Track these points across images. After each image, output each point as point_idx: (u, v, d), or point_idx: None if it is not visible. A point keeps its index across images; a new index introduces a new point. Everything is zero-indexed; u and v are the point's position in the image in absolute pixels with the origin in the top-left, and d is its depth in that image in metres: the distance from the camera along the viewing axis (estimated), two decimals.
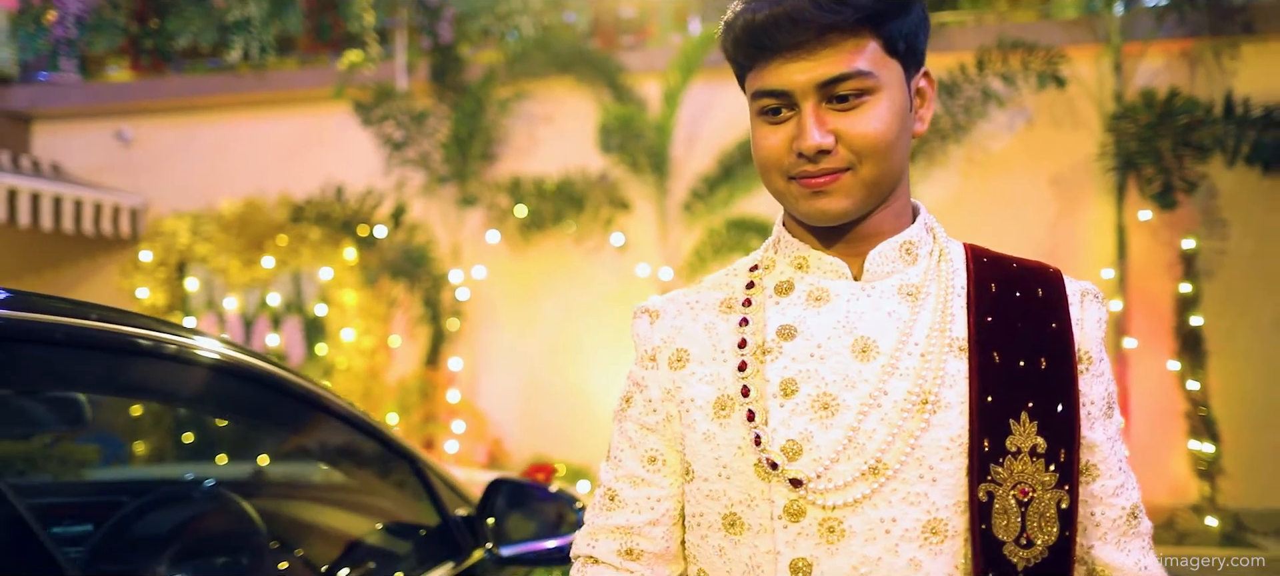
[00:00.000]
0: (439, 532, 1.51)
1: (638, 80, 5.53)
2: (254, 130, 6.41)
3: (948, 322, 0.92)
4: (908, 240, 0.96)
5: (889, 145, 0.89)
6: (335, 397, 1.39)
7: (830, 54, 0.87)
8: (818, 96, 0.88)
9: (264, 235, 6.19)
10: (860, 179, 0.90)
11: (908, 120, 0.92)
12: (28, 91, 6.67)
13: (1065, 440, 0.89)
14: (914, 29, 0.91)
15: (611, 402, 4.09)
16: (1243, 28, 4.76)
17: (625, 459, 1.01)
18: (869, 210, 0.93)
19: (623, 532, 1.00)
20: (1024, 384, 0.90)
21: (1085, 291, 0.96)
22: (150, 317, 1.11)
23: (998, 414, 0.88)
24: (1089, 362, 0.93)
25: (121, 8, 6.33)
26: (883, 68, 0.89)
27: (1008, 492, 0.88)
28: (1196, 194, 4.62)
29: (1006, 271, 0.97)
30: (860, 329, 0.92)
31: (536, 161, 5.71)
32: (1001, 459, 0.88)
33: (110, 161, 6.62)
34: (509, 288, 5.79)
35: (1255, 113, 4.52)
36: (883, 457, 0.88)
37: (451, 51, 5.75)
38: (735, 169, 5.28)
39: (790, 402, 0.91)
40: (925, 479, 0.88)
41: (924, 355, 0.90)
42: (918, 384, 0.89)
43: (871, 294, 0.94)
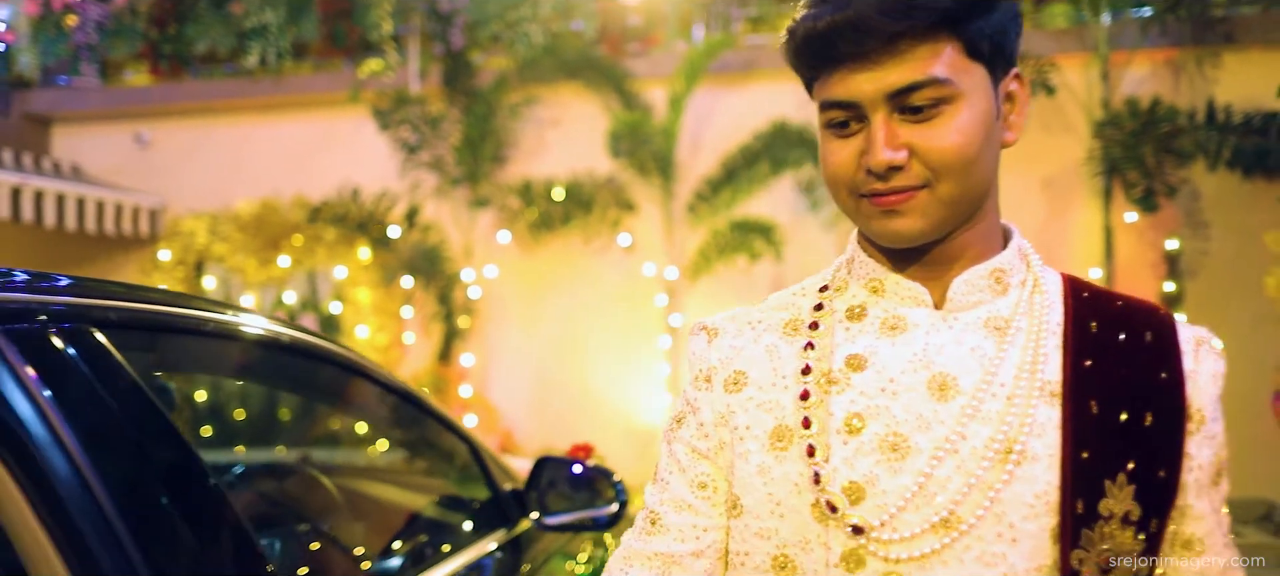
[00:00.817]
0: (491, 504, 1.71)
1: (643, 86, 5.71)
2: (269, 133, 6.59)
3: (1040, 364, 0.82)
4: (998, 268, 0.86)
5: (970, 160, 0.80)
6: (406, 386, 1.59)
7: (902, 60, 0.78)
8: (889, 107, 0.79)
9: (280, 235, 6.38)
10: (937, 197, 0.81)
11: (994, 130, 0.82)
12: (48, 95, 6.85)
13: (1160, 509, 0.80)
14: (1001, 27, 0.81)
15: (617, 396, 4.42)
16: (1224, 38, 4.97)
17: (673, 482, 0.92)
18: (950, 231, 0.84)
19: (662, 561, 0.90)
20: (1125, 440, 0.79)
21: (1201, 340, 0.85)
22: (258, 314, 1.31)
23: (1093, 472, 0.78)
24: (1201, 422, 0.83)
25: (141, 14, 6.50)
26: (963, 73, 0.80)
27: (1092, 560, 0.79)
28: (1180, 197, 4.83)
29: (1109, 310, 0.85)
30: (939, 364, 0.83)
31: (545, 164, 5.90)
32: (1094, 523, 0.78)
33: (128, 163, 6.80)
34: (519, 286, 5.98)
35: (1236, 119, 4.74)
36: (957, 510, 0.78)
37: (463, 57, 5.94)
38: (738, 172, 5.48)
39: (856, 440, 0.82)
40: (1004, 538, 0.78)
41: (1011, 398, 0.80)
42: (1001, 430, 0.79)
43: (954, 326, 0.85)
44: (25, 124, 6.82)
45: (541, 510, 1.68)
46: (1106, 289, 0.89)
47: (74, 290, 0.97)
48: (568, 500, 1.69)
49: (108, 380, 0.91)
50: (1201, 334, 0.86)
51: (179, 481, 0.95)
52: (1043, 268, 0.89)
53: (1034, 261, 0.89)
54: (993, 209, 0.87)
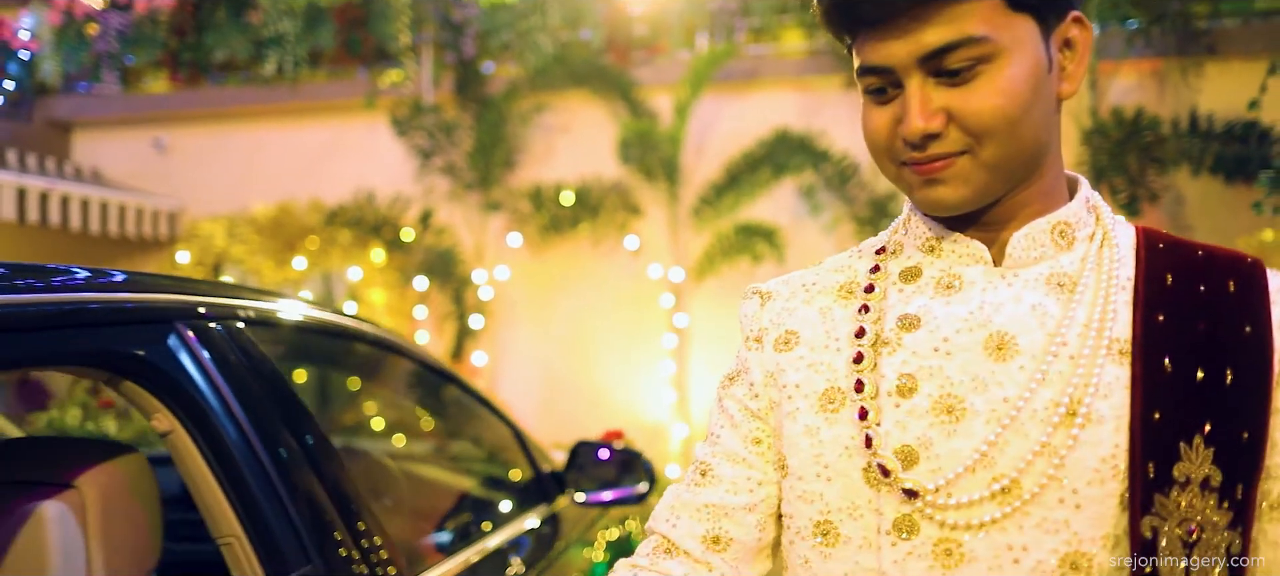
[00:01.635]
0: (534, 483, 1.92)
1: (649, 93, 5.91)
2: (285, 138, 6.78)
3: (1108, 321, 0.76)
4: (1062, 221, 0.81)
5: (1014, 120, 0.74)
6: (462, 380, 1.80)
7: (935, 20, 0.73)
8: (924, 70, 0.75)
9: (296, 237, 6.57)
10: (981, 162, 0.76)
11: (1045, 83, 0.76)
12: (69, 101, 7.04)
13: (1245, 473, 0.73)
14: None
15: (624, 393, 4.71)
16: (1206, 49, 5.18)
17: (725, 436, 0.90)
18: (1003, 193, 0.79)
19: (712, 513, 0.87)
20: (1201, 400, 0.74)
21: None
22: (350, 315, 1.51)
23: (1167, 434, 0.73)
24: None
25: (161, 23, 6.69)
26: (1003, 27, 0.73)
27: (1173, 529, 0.73)
28: (1165, 201, 5.05)
29: (1188, 261, 0.79)
30: (997, 322, 0.78)
31: (555, 169, 6.10)
32: (1167, 488, 0.73)
33: (147, 167, 6.98)
34: (530, 287, 6.18)
35: (1217, 127, 4.96)
36: (1020, 477, 0.74)
37: (474, 66, 6.15)
38: (741, 177, 5.68)
39: (908, 403, 0.79)
40: (1067, 504, 0.74)
41: (1074, 358, 0.75)
42: (1065, 392, 0.74)
43: (1013, 283, 0.80)
44: (46, 129, 7.01)
45: (578, 488, 1.89)
46: (1188, 240, 0.82)
47: (218, 291, 1.18)
48: (603, 479, 1.89)
49: (252, 362, 1.12)
50: None
51: (307, 442, 1.16)
52: (1115, 220, 0.83)
53: (1105, 214, 0.83)
54: (1054, 164, 0.81)
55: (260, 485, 1.03)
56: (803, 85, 5.79)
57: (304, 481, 1.10)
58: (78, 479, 1.04)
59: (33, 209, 5.70)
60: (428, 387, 1.80)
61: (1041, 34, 0.76)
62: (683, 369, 5.92)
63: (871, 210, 5.47)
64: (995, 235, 0.82)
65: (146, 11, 6.76)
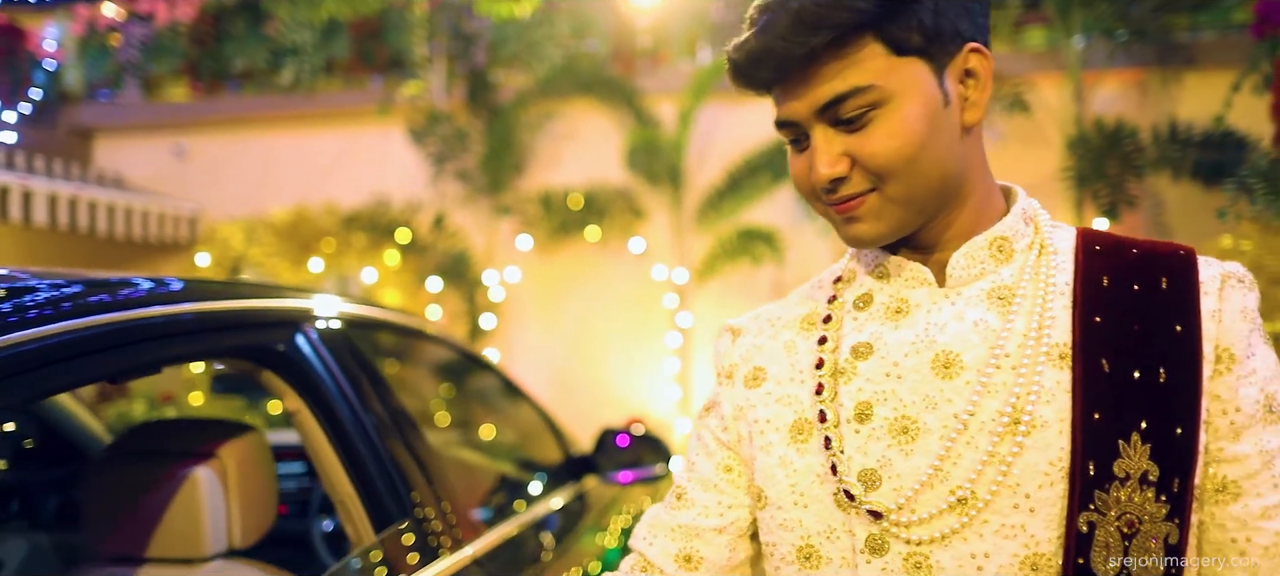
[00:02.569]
0: (564, 465, 2.17)
1: (653, 101, 6.14)
2: (301, 144, 7.01)
3: (1046, 327, 0.79)
4: (999, 236, 0.84)
5: (910, 157, 0.78)
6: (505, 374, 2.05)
7: (824, 76, 0.77)
8: (824, 121, 0.79)
9: (312, 240, 6.80)
10: (888, 198, 0.80)
11: (942, 117, 0.79)
12: (91, 109, 7.26)
13: (1181, 468, 0.75)
14: (935, 11, 0.78)
15: (629, 390, 5.04)
16: (1185, 60, 5.44)
17: (700, 463, 0.95)
18: (927, 220, 0.83)
19: (685, 533, 0.93)
20: (1138, 398, 0.76)
21: (1227, 275, 0.80)
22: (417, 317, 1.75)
23: (1106, 433, 0.75)
24: (1232, 362, 0.78)
25: (182, 33, 6.93)
26: (891, 74, 0.77)
27: (1111, 524, 0.75)
28: (1147, 205, 5.31)
29: (1124, 261, 0.81)
30: (941, 342, 0.82)
31: (563, 174, 6.34)
32: (1107, 485, 0.75)
33: (167, 173, 7.21)
34: (539, 288, 6.42)
35: (1196, 135, 5.22)
36: (973, 486, 0.77)
37: (485, 75, 6.39)
38: (742, 182, 5.92)
39: (866, 428, 0.82)
40: (1021, 509, 0.76)
41: (1016, 368, 0.78)
42: (1008, 401, 0.77)
43: (956, 302, 0.83)
44: (69, 137, 7.23)
45: (603, 469, 2.14)
46: (1127, 238, 0.84)
47: (326, 298, 1.42)
48: (625, 462, 2.14)
49: (354, 354, 1.37)
50: (1228, 269, 0.80)
51: (395, 420, 1.41)
52: (1054, 227, 0.86)
53: (1043, 222, 0.86)
54: (977, 186, 0.85)
55: (366, 453, 1.27)
56: None
57: (395, 451, 1.35)
58: (220, 450, 1.29)
59: (60, 213, 5.93)
60: (476, 379, 2.06)
61: (934, 72, 0.79)
62: (686, 366, 6.16)
63: None
64: (937, 257, 0.85)
65: (167, 23, 6.99)
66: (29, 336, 0.76)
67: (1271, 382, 0.78)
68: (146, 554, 1.27)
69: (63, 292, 0.87)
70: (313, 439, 1.26)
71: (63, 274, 0.99)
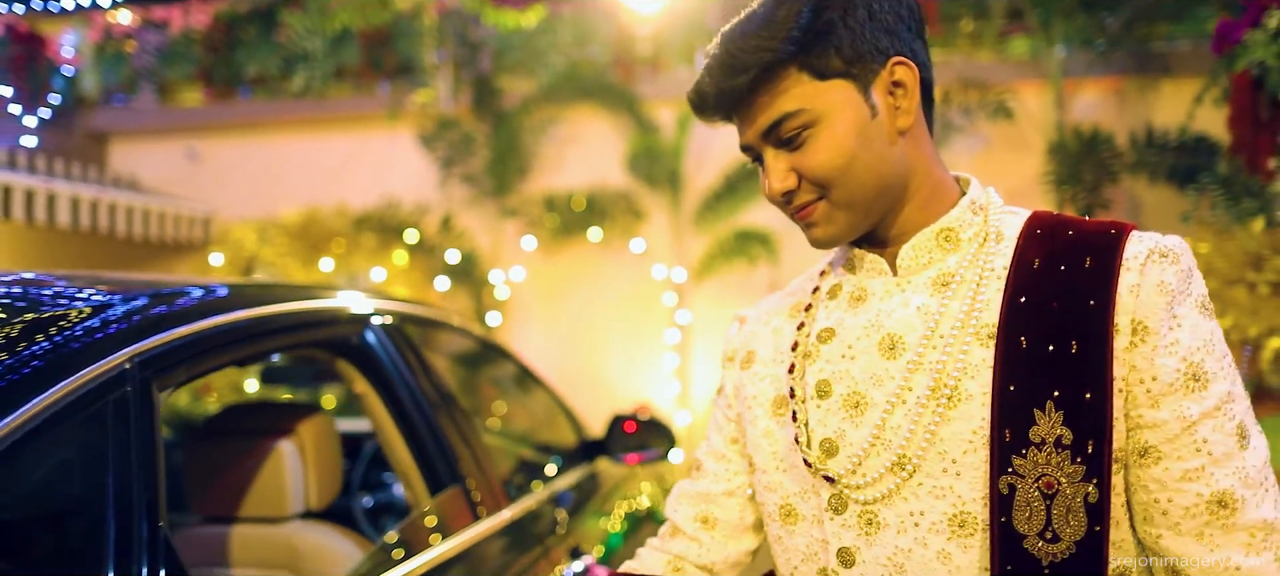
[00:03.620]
0: (579, 448, 2.41)
1: (653, 107, 6.36)
2: (311, 148, 7.22)
3: (977, 310, 0.87)
4: (945, 227, 0.92)
5: (843, 167, 0.87)
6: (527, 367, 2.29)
7: (759, 106, 0.87)
8: (770, 143, 0.89)
9: (322, 240, 7.01)
10: (835, 204, 0.89)
11: (871, 128, 0.87)
12: (106, 113, 7.48)
13: (1094, 431, 0.80)
14: (853, 38, 0.86)
15: (630, 385, 5.37)
16: (1161, 69, 5.69)
17: (713, 438, 1.08)
18: (878, 219, 0.92)
19: (702, 499, 1.06)
20: (1050, 370, 0.82)
21: (1152, 250, 0.84)
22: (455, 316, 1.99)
23: (1020, 403, 0.82)
24: (1146, 335, 0.81)
25: (196, 40, 7.14)
26: (816, 98, 0.86)
27: (1031, 485, 0.81)
28: (1125, 208, 5.56)
29: (1057, 243, 0.87)
30: (887, 326, 0.90)
31: (566, 177, 6.56)
32: (1024, 450, 0.81)
33: (180, 175, 7.42)
34: (543, 287, 6.65)
35: (1171, 140, 5.47)
36: (906, 451, 0.86)
37: (490, 81, 6.62)
38: (738, 185, 6.15)
39: (825, 403, 0.91)
40: (949, 472, 0.85)
41: (948, 347, 0.86)
42: (938, 376, 0.85)
43: (906, 289, 0.92)
44: (85, 140, 7.45)
45: (614, 451, 2.38)
46: (1072, 219, 0.89)
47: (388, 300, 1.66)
48: (634, 444, 2.38)
49: (411, 347, 1.61)
50: (1156, 243, 0.84)
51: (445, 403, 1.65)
52: (1006, 214, 0.93)
53: (993, 212, 0.92)
54: (924, 181, 0.92)
55: (423, 429, 1.52)
56: None
57: (444, 427, 1.59)
58: (298, 427, 1.53)
59: (83, 215, 6.15)
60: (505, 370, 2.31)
61: (859, 90, 0.87)
62: (685, 362, 6.40)
63: None
64: (892, 250, 0.94)
65: (182, 30, 7.21)
66: (199, 328, 1.01)
67: (1197, 353, 0.81)
68: (238, 514, 1.51)
69: (212, 295, 1.11)
70: (379, 420, 1.49)
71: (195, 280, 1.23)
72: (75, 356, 0.84)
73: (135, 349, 0.91)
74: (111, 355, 0.87)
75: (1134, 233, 0.85)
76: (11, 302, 0.95)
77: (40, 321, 0.88)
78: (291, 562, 1.50)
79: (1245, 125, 3.35)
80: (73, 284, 1.05)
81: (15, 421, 0.75)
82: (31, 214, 5.66)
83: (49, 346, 0.83)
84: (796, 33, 0.84)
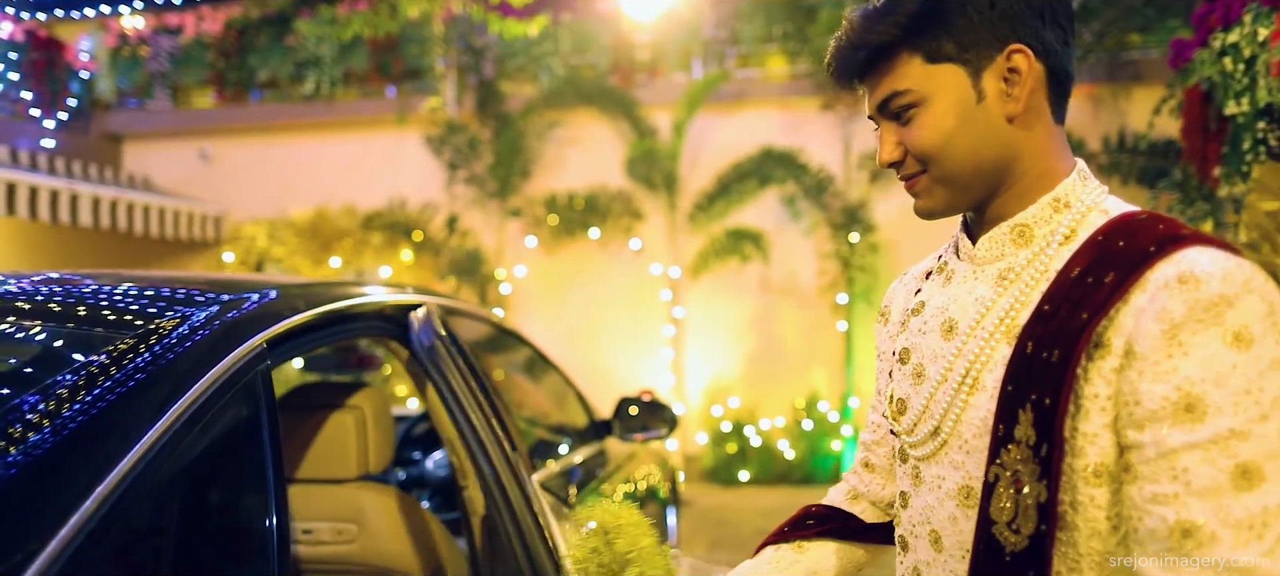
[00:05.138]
0: (589, 427, 2.70)
1: (650, 112, 6.65)
2: (320, 149, 7.49)
3: (1015, 310, 0.91)
4: (1021, 223, 0.94)
5: (942, 146, 0.91)
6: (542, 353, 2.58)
7: (878, 81, 0.93)
8: (884, 116, 0.94)
9: (331, 238, 7.29)
10: (934, 178, 0.94)
11: (975, 112, 0.90)
12: (121, 116, 7.73)
13: (1046, 435, 0.85)
14: (964, 30, 0.90)
15: (628, 376, 5.76)
16: (1133, 76, 5.99)
17: (875, 394, 1.17)
18: (980, 199, 0.95)
19: (864, 448, 1.20)
20: (1035, 375, 0.86)
21: (1174, 277, 0.80)
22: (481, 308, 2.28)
23: (1011, 402, 0.87)
24: (1133, 359, 0.81)
25: (209, 45, 7.39)
26: (927, 79, 0.90)
27: (1008, 479, 0.87)
28: None
29: (1104, 252, 0.87)
30: (951, 310, 0.97)
31: (566, 178, 6.85)
32: (1009, 446, 0.87)
33: (193, 176, 7.68)
34: (544, 283, 6.93)
35: (1142, 144, 5.78)
36: (941, 424, 0.94)
37: (494, 86, 6.89)
38: (731, 187, 6.44)
39: (903, 369, 1.02)
40: (964, 450, 0.93)
41: (984, 340, 0.92)
42: (968, 365, 0.92)
43: (979, 276, 0.96)
44: (100, 142, 7.70)
45: (621, 430, 2.67)
46: (1146, 228, 0.86)
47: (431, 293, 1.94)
48: (638, 425, 2.67)
49: (450, 333, 1.88)
50: (1187, 269, 0.80)
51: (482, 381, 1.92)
52: (1091, 213, 0.91)
53: (1077, 210, 0.91)
54: (1027, 171, 0.92)
55: (469, 404, 1.80)
56: (785, 106, 6.56)
57: (485, 402, 1.87)
58: (357, 399, 1.81)
59: (103, 215, 6.40)
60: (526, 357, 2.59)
61: (970, 75, 0.90)
62: (680, 354, 6.69)
63: (844, 216, 6.23)
64: (982, 234, 0.97)
65: (195, 35, 7.45)
66: (306, 316, 1.29)
67: (1201, 384, 0.77)
68: (311, 476, 1.79)
69: (309, 291, 1.39)
70: (430, 397, 1.77)
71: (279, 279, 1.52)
72: (231, 338, 1.11)
73: (268, 332, 1.18)
74: (255, 336, 1.15)
75: (1179, 253, 0.81)
76: (165, 299, 1.23)
77: (193, 312, 1.15)
78: (357, 517, 1.78)
79: (1196, 135, 3.63)
80: (202, 284, 1.33)
81: (200, 388, 1.02)
82: (56, 214, 5.91)
83: (208, 332, 1.11)
84: (908, 19, 0.90)
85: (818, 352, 6.40)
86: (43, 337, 1.12)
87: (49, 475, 0.86)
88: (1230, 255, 0.81)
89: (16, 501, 0.82)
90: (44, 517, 0.83)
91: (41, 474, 0.86)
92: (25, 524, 0.82)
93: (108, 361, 1.00)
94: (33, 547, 0.80)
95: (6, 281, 1.30)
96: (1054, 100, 0.94)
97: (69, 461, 0.88)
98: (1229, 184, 3.31)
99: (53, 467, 0.87)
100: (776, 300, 6.51)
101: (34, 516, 0.82)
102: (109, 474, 0.89)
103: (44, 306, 1.21)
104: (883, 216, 6.21)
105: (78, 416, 0.92)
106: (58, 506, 0.84)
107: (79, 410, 0.93)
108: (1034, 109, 0.91)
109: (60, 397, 0.93)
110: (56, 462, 0.88)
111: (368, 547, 1.83)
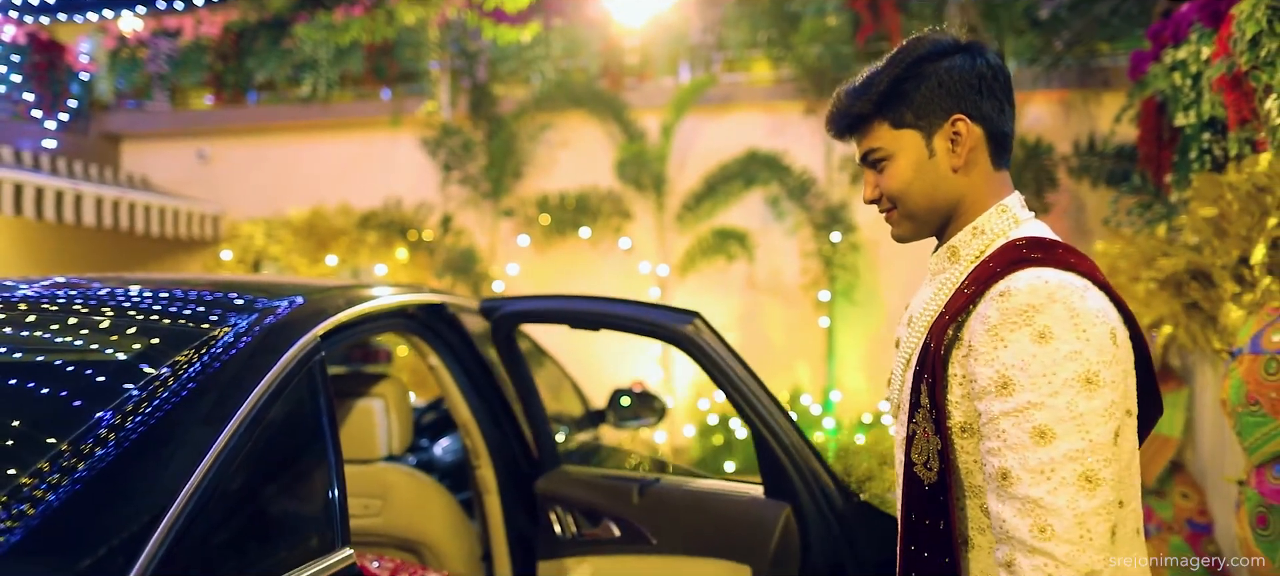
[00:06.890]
0: (585, 416, 2.91)
1: (639, 115, 6.84)
2: (316, 150, 7.64)
3: (936, 309, 1.19)
4: (953, 245, 1.21)
5: (904, 191, 1.19)
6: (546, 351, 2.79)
7: (860, 139, 1.22)
8: (865, 165, 1.24)
9: (327, 237, 7.43)
10: (902, 214, 1.22)
11: (929, 166, 1.17)
12: (120, 116, 7.86)
13: (935, 404, 1.13)
14: (919, 104, 1.16)
15: (616, 372, 6.02)
16: (1102, 82, 6.25)
17: None
18: (937, 229, 1.23)
19: None
20: (927, 360, 1.15)
21: (994, 295, 1.09)
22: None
23: (918, 378, 1.16)
24: (970, 350, 1.11)
25: (207, 47, 7.54)
26: (893, 140, 1.19)
27: (920, 433, 1.15)
28: (1069, 207, 6.11)
29: (979, 272, 1.15)
30: (913, 308, 1.27)
31: (558, 179, 7.03)
32: (917, 411, 1.16)
33: (191, 176, 7.80)
34: (536, 282, 7.09)
35: (1110, 148, 6.03)
36: (898, 396, 1.24)
37: (486, 89, 7.07)
38: (718, 188, 6.64)
39: (897, 354, 1.29)
40: (904, 410, 1.20)
41: (920, 332, 1.19)
42: (909, 350, 1.21)
43: (931, 282, 1.24)
44: (99, 142, 7.82)
45: (615, 419, 2.88)
46: (1010, 250, 1.14)
47: (446, 294, 2.15)
48: (630, 414, 2.88)
49: (463, 328, 2.10)
50: (1007, 286, 1.08)
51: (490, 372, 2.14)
52: (996, 239, 1.18)
53: (985, 236, 1.19)
54: (970, 209, 1.20)
55: (485, 394, 2.01)
56: (770, 109, 6.77)
57: (496, 393, 2.09)
58: (381, 388, 2.03)
59: (105, 214, 6.54)
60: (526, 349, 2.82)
61: (924, 138, 1.18)
62: (667, 351, 6.88)
63: (826, 217, 6.45)
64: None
65: (193, 37, 7.60)
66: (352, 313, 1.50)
67: (1012, 369, 1.04)
68: None
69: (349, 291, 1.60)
70: (447, 387, 1.98)
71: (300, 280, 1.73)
72: (294, 330, 1.32)
73: (322, 326, 1.39)
74: (312, 329, 1.36)
75: (1012, 275, 1.09)
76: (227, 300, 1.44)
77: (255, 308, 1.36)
78: (382, 493, 1.99)
79: (1152, 143, 3.88)
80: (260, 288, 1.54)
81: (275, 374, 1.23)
82: (61, 214, 6.05)
83: (274, 321, 1.32)
84: (879, 96, 1.18)
85: (801, 348, 6.63)
86: (137, 342, 1.33)
87: (162, 447, 1.07)
88: (1054, 274, 1.07)
89: (154, 456, 1.03)
90: (164, 480, 1.04)
91: (156, 444, 1.07)
92: (156, 482, 1.03)
93: (195, 354, 1.21)
94: (163, 501, 1.01)
95: (94, 288, 1.50)
96: (994, 152, 1.20)
97: (179, 435, 1.09)
98: (1179, 190, 3.55)
99: (164, 441, 1.08)
100: (761, 297, 6.74)
101: (165, 471, 1.03)
102: (212, 444, 1.10)
103: (131, 315, 1.42)
104: (863, 217, 6.43)
105: (175, 399, 1.13)
106: (176, 470, 1.05)
107: (179, 392, 1.13)
108: (973, 162, 1.18)
109: (166, 383, 1.14)
110: (166, 438, 1.08)
111: (391, 521, 2.04)
